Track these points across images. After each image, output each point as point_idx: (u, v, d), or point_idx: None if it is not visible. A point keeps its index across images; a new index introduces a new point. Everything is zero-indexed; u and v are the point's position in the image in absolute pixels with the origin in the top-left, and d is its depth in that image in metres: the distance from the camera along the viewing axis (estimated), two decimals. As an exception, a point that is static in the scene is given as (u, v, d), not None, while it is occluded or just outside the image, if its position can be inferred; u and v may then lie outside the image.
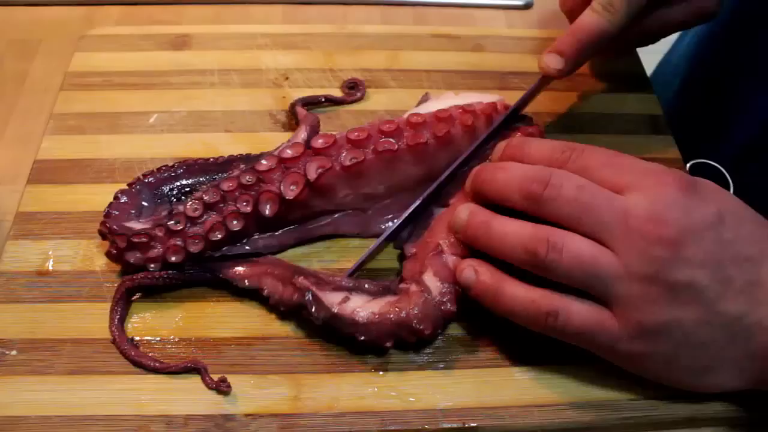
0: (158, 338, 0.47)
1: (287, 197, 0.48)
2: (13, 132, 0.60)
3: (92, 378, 0.45)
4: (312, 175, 0.48)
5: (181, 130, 0.59)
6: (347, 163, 0.49)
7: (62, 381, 0.45)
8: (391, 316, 0.45)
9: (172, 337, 0.47)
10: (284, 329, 0.48)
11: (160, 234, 0.48)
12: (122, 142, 0.57)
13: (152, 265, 0.47)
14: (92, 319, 0.47)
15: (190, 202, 0.48)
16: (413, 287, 0.46)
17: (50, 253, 0.51)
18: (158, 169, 0.53)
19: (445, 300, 0.46)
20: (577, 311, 0.43)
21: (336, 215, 0.52)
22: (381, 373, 0.46)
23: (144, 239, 0.47)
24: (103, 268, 0.50)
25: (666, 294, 0.41)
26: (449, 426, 0.44)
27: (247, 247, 0.50)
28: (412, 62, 0.65)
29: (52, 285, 0.49)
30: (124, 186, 0.52)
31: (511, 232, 0.44)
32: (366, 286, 0.47)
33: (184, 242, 0.47)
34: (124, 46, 0.64)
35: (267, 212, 0.48)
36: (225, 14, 0.71)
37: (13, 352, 0.46)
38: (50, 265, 0.50)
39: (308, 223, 0.52)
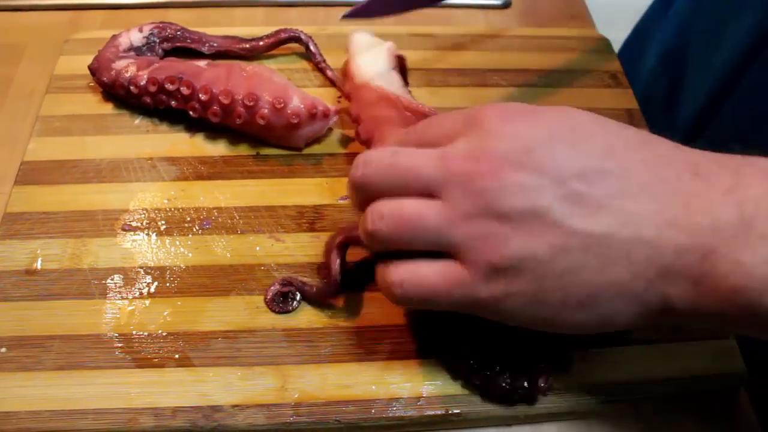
0: (146, 333, 0.48)
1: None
2: (0, 135, 0.61)
3: (81, 373, 0.46)
4: None
5: (166, 130, 0.60)
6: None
7: (51, 376, 0.46)
8: None
9: (159, 331, 0.48)
10: (269, 322, 0.48)
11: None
12: (108, 143, 0.58)
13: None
14: (80, 316, 0.48)
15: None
16: None
17: (38, 252, 0.51)
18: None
19: None
20: (425, 274, 0.40)
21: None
22: (365, 362, 0.47)
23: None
24: (90, 266, 0.51)
25: (505, 226, 0.38)
26: (433, 413, 0.45)
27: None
28: (392, 61, 0.66)
29: (41, 283, 0.50)
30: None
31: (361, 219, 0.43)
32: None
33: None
34: (109, 49, 0.65)
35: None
36: (208, 17, 0.72)
37: (3, 350, 0.47)
38: (38, 264, 0.51)
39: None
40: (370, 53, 0.60)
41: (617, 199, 0.37)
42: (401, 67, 0.60)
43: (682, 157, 0.39)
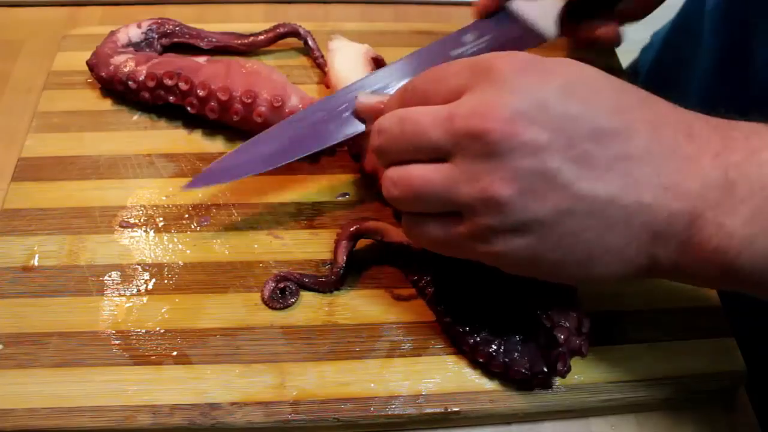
0: (143, 330, 0.47)
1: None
2: (-3, 131, 0.60)
3: (78, 370, 0.46)
4: None
5: (164, 126, 0.59)
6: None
7: (49, 374, 0.45)
8: None
9: (158, 328, 0.48)
10: (268, 319, 0.48)
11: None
12: (106, 139, 0.58)
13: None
14: (78, 313, 0.48)
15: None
16: None
17: (35, 248, 0.51)
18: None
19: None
20: (429, 229, 0.42)
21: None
22: (364, 360, 0.47)
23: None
24: (88, 263, 0.50)
25: (510, 188, 0.37)
26: (431, 411, 0.45)
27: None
28: (392, 58, 0.65)
29: (38, 280, 0.50)
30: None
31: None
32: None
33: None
34: (107, 45, 0.65)
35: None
36: (207, 13, 0.72)
37: (-1, 347, 0.46)
38: (35, 261, 0.50)
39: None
40: (345, 60, 0.59)
41: (623, 161, 0.37)
42: (380, 67, 0.60)
43: (679, 118, 0.40)
